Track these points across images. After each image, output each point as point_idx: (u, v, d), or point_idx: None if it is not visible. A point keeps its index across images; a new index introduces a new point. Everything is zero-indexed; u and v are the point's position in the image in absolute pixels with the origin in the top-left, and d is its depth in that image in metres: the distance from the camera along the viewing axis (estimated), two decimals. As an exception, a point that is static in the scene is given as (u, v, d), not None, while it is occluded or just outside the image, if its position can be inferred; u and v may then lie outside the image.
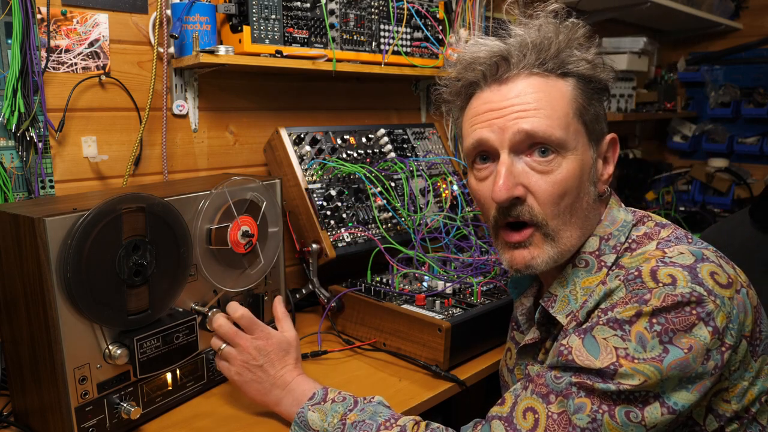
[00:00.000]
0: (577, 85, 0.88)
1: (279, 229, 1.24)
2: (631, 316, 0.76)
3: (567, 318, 0.88)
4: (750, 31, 3.20)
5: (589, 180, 0.88)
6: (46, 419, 0.95)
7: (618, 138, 0.92)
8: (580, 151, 0.86)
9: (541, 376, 0.82)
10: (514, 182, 0.85)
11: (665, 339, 0.74)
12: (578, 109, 0.87)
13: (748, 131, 3.16)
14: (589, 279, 0.88)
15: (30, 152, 1.21)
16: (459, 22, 1.96)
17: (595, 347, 0.77)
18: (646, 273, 0.79)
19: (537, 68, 0.87)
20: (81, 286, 0.88)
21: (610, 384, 0.74)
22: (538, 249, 0.87)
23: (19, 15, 1.15)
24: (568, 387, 0.77)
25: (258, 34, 1.39)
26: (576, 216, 0.87)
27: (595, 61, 0.89)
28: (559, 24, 0.89)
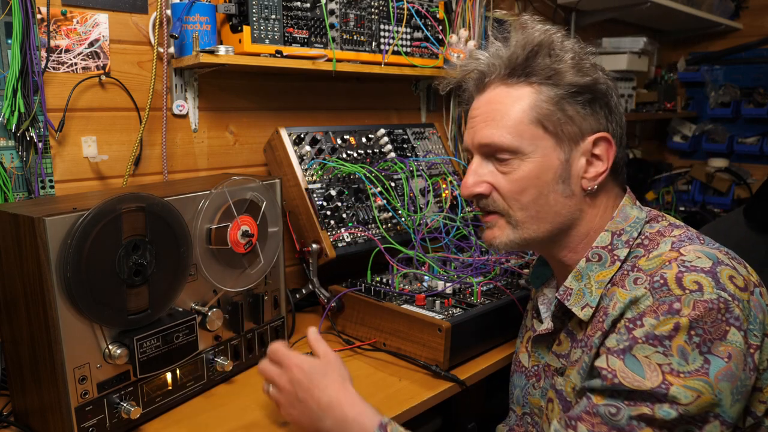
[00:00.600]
0: (542, 90, 0.92)
1: (279, 229, 1.24)
2: (670, 331, 0.77)
3: (583, 310, 0.92)
4: (750, 31, 3.20)
5: (556, 179, 0.93)
6: (46, 419, 0.95)
7: (609, 137, 0.94)
8: (540, 154, 0.93)
9: (593, 414, 0.81)
10: (478, 181, 0.97)
11: (704, 349, 0.76)
12: (538, 116, 0.92)
13: (748, 131, 3.16)
14: (602, 273, 0.93)
15: (30, 152, 1.21)
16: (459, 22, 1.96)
17: (638, 367, 0.78)
18: (671, 280, 0.81)
19: (506, 78, 0.96)
20: (81, 286, 0.88)
21: (668, 408, 0.75)
22: (500, 231, 0.98)
23: (19, 15, 1.15)
24: (629, 422, 0.78)
25: (258, 34, 1.39)
26: (543, 211, 0.94)
27: (566, 66, 0.92)
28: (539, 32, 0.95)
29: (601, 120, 0.94)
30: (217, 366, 1.14)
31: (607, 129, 0.94)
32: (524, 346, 1.14)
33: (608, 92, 0.94)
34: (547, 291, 1.11)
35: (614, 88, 0.97)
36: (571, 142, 0.93)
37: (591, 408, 0.81)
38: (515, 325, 1.33)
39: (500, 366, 1.27)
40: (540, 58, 0.93)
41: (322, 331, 1.39)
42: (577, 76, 0.92)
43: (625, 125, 0.99)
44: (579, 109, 0.92)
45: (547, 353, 1.04)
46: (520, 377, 1.12)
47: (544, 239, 0.97)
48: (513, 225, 0.97)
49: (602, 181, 0.94)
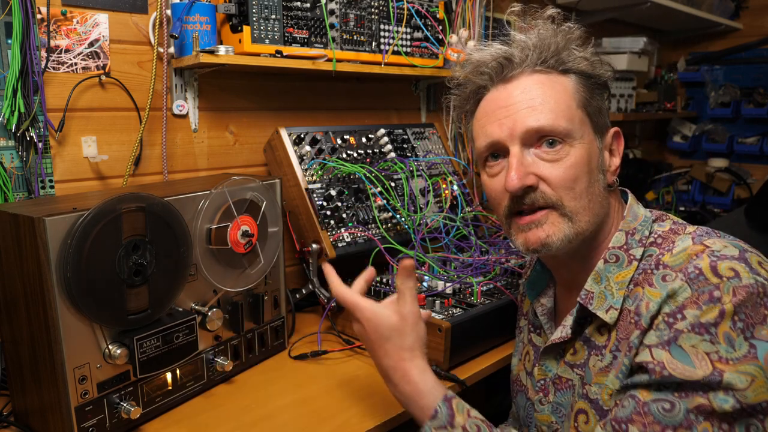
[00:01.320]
0: (577, 80, 0.93)
1: (279, 229, 1.24)
2: (715, 317, 0.75)
3: (608, 313, 0.88)
4: (750, 31, 3.20)
5: (598, 168, 0.92)
6: (46, 419, 0.95)
7: (621, 132, 0.96)
8: (587, 140, 0.91)
9: (644, 414, 0.77)
10: (526, 172, 0.90)
11: (748, 335, 0.74)
12: (581, 101, 0.92)
13: (748, 131, 3.16)
14: (621, 273, 0.90)
15: (30, 152, 1.21)
16: (459, 22, 1.96)
17: (685, 357, 0.76)
18: (706, 269, 0.79)
19: (539, 66, 0.93)
20: (81, 286, 0.88)
21: (723, 395, 0.73)
22: (554, 227, 0.90)
23: (19, 15, 1.15)
24: (686, 416, 0.74)
25: (258, 34, 1.39)
26: (591, 201, 0.91)
27: (593, 59, 0.94)
28: (557, 27, 0.95)
29: (608, 115, 0.96)
30: (217, 366, 1.14)
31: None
32: (522, 364, 1.10)
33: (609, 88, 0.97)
34: (545, 301, 1.06)
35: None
36: (601, 133, 0.94)
37: (641, 407, 0.77)
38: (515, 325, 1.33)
39: (500, 366, 1.27)
40: (569, 49, 0.93)
41: (323, 331, 1.39)
42: (601, 69, 0.94)
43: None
44: (602, 102, 0.94)
45: (556, 365, 0.98)
46: (522, 397, 1.08)
47: (588, 234, 0.91)
48: (568, 217, 0.89)
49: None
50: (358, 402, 1.09)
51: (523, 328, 1.14)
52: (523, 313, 1.15)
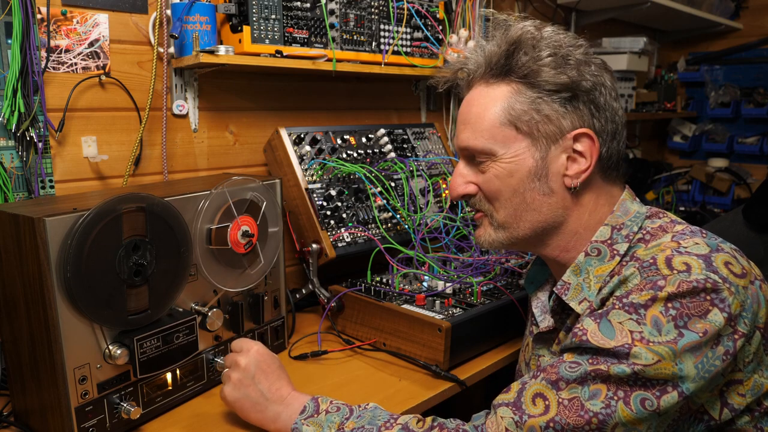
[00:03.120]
0: (519, 90, 0.93)
1: (279, 229, 1.24)
2: (646, 300, 0.78)
3: (580, 305, 0.92)
4: (750, 31, 3.20)
5: (531, 177, 0.93)
6: (46, 419, 0.95)
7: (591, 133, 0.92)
8: (512, 154, 0.93)
9: (555, 366, 0.83)
10: (463, 181, 1.00)
11: (680, 323, 0.76)
12: (510, 117, 0.93)
13: (748, 131, 3.16)
14: (602, 267, 0.92)
15: (30, 152, 1.21)
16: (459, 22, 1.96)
17: (610, 330, 0.79)
18: (660, 261, 0.81)
19: (487, 76, 0.97)
20: (81, 286, 0.88)
21: (624, 365, 0.76)
22: (484, 230, 1.01)
23: (19, 15, 1.15)
24: (583, 375, 0.79)
25: (258, 34, 1.39)
26: (520, 209, 0.95)
27: (542, 64, 0.91)
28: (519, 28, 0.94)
29: (585, 117, 0.92)
30: (217, 366, 1.14)
31: (592, 125, 0.92)
32: (522, 354, 1.14)
33: (595, 88, 0.92)
34: (541, 294, 1.11)
35: (607, 83, 0.94)
36: (548, 140, 0.93)
37: (557, 362, 0.83)
38: (515, 325, 1.33)
39: (500, 366, 1.27)
40: (517, 55, 0.92)
41: (323, 331, 1.39)
42: (555, 74, 0.90)
43: (620, 120, 0.96)
44: (557, 107, 0.91)
45: (548, 354, 1.04)
46: None
47: (529, 238, 0.98)
48: (495, 226, 0.98)
49: (587, 178, 0.93)
50: (358, 402, 1.09)
51: (529, 319, 1.18)
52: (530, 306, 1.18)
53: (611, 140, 0.95)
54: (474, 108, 0.97)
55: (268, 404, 0.96)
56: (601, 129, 0.93)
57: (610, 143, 0.95)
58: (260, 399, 0.97)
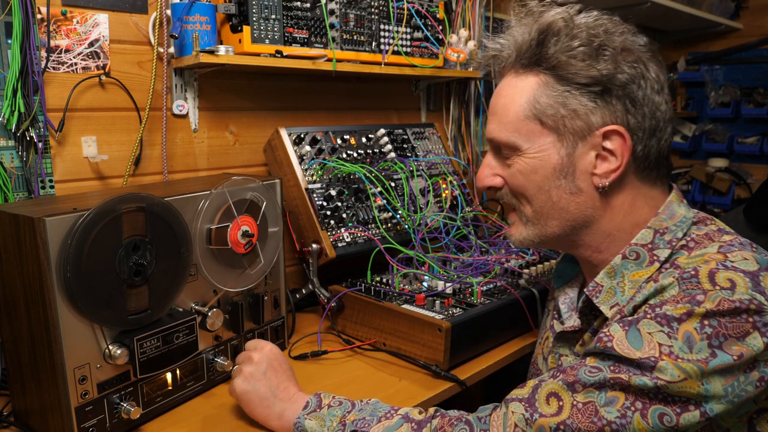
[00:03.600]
0: (547, 82, 0.88)
1: (279, 229, 1.24)
2: (681, 314, 0.73)
3: (611, 310, 0.88)
4: (750, 31, 3.20)
5: (556, 175, 0.90)
6: (46, 419, 0.95)
7: (623, 130, 0.86)
8: (536, 149, 0.90)
9: (575, 368, 0.80)
10: (490, 173, 0.97)
11: (715, 343, 0.71)
12: (535, 111, 0.89)
13: (748, 131, 3.16)
14: (639, 273, 0.87)
15: (30, 152, 1.21)
16: (459, 22, 1.96)
17: (638, 340, 0.75)
18: (703, 274, 0.76)
19: (518, 64, 0.93)
20: (81, 286, 0.88)
21: (647, 378, 0.72)
22: (515, 228, 0.99)
23: (19, 15, 1.15)
24: (602, 381, 0.75)
25: (258, 34, 1.39)
26: (546, 207, 0.92)
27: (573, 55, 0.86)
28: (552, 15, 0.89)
29: (618, 112, 0.86)
30: (217, 366, 1.14)
31: (626, 122, 0.86)
32: (540, 348, 1.11)
33: (632, 81, 0.86)
34: (570, 291, 1.06)
35: (649, 74, 0.87)
36: (575, 136, 0.88)
37: (578, 364, 0.80)
38: (515, 325, 1.33)
39: (500, 366, 1.27)
40: (547, 45, 0.88)
41: (323, 331, 1.39)
42: (585, 66, 0.85)
43: (663, 115, 0.89)
44: (586, 102, 0.86)
45: (569, 353, 1.00)
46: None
47: (558, 237, 0.94)
48: (524, 222, 0.96)
49: (618, 177, 0.88)
50: (358, 402, 1.09)
51: (549, 311, 1.15)
52: (552, 296, 1.16)
53: (649, 138, 0.88)
54: (501, 99, 0.94)
55: (275, 401, 0.97)
56: (637, 126, 0.87)
57: (647, 141, 0.88)
58: (268, 395, 0.97)
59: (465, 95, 2.16)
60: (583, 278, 1.05)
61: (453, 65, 1.85)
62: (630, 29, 0.90)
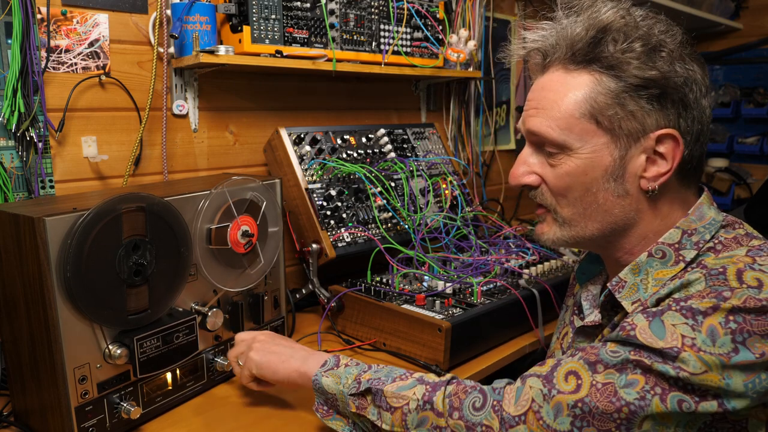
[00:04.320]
0: (602, 81, 0.85)
1: (279, 229, 1.24)
2: (707, 308, 0.73)
3: (633, 305, 0.87)
4: (750, 31, 3.20)
5: (607, 177, 0.87)
6: (46, 419, 0.95)
7: (677, 134, 0.85)
8: (589, 150, 0.87)
9: (596, 348, 0.79)
10: (527, 171, 0.93)
11: (738, 338, 0.71)
12: (591, 109, 0.86)
13: (748, 131, 3.16)
14: (663, 271, 0.87)
15: (30, 152, 1.21)
16: (459, 22, 1.96)
17: (661, 330, 0.74)
18: (731, 272, 0.76)
19: (567, 62, 0.88)
20: (81, 286, 0.88)
21: (669, 366, 0.72)
22: (548, 227, 0.95)
23: (19, 15, 1.15)
24: (624, 363, 0.75)
25: (258, 34, 1.39)
26: (590, 209, 0.89)
27: (633, 55, 0.84)
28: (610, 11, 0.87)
29: (671, 116, 0.85)
30: (217, 366, 1.14)
31: (678, 125, 0.85)
32: (559, 343, 1.10)
33: (686, 84, 0.85)
34: (592, 288, 1.06)
35: (698, 78, 0.87)
36: (629, 138, 0.86)
37: (600, 346, 0.79)
38: (515, 325, 1.33)
39: (500, 366, 1.27)
40: (605, 44, 0.85)
41: (323, 331, 1.39)
42: (644, 68, 0.83)
43: (707, 120, 0.89)
44: (643, 104, 0.84)
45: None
46: None
47: (594, 239, 0.92)
48: (560, 222, 0.93)
49: (665, 182, 0.87)
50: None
51: (568, 307, 1.14)
52: (572, 293, 1.15)
53: (695, 142, 0.88)
54: (550, 93, 0.89)
55: (294, 352, 1.00)
56: (687, 130, 0.86)
57: (693, 145, 0.87)
58: (285, 351, 1.01)
59: (465, 95, 2.16)
60: (606, 276, 1.05)
61: (453, 65, 1.85)
62: (679, 30, 0.89)
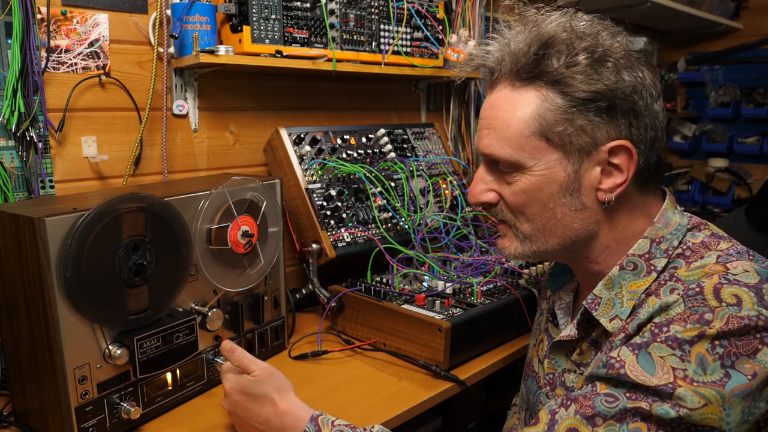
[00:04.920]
0: (549, 97, 0.84)
1: (279, 229, 1.24)
2: (692, 336, 0.72)
3: (611, 323, 0.86)
4: (750, 31, 3.20)
5: (563, 192, 0.86)
6: (46, 419, 0.95)
7: (629, 145, 0.83)
8: (543, 167, 0.86)
9: (588, 398, 0.77)
10: (485, 188, 0.93)
11: (727, 363, 0.71)
12: (540, 127, 0.84)
13: (748, 131, 3.16)
14: (636, 283, 0.86)
15: (30, 152, 1.21)
16: (459, 22, 1.96)
17: (650, 364, 0.74)
18: (708, 290, 0.75)
19: (513, 78, 0.87)
20: (81, 286, 0.88)
21: (668, 406, 0.71)
22: (509, 242, 0.94)
23: (19, 15, 1.15)
24: (623, 412, 0.73)
25: (258, 34, 1.39)
26: (549, 224, 0.89)
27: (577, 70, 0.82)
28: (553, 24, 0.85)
29: (622, 127, 0.83)
30: (217, 366, 1.14)
31: (630, 135, 0.84)
32: (536, 350, 1.09)
33: (634, 92, 0.83)
34: (565, 295, 1.05)
35: (647, 82, 0.85)
36: (581, 153, 0.84)
37: (590, 393, 0.77)
38: (515, 325, 1.33)
39: (500, 366, 1.27)
40: (548, 58, 0.83)
41: (323, 331, 1.39)
42: (590, 81, 0.81)
43: (661, 125, 0.87)
44: (592, 117, 0.82)
45: (565, 361, 0.97)
46: (532, 383, 1.07)
47: (556, 252, 0.92)
48: (521, 238, 0.92)
49: (622, 192, 0.86)
50: (359, 402, 1.09)
51: (543, 311, 1.13)
52: (545, 297, 1.14)
53: (650, 149, 0.86)
54: (499, 113, 0.88)
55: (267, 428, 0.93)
56: (640, 138, 0.84)
57: (648, 152, 0.85)
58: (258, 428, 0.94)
59: (465, 95, 2.16)
60: (577, 283, 1.04)
61: (453, 65, 1.85)
62: (623, 32, 0.87)
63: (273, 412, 0.92)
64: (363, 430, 0.88)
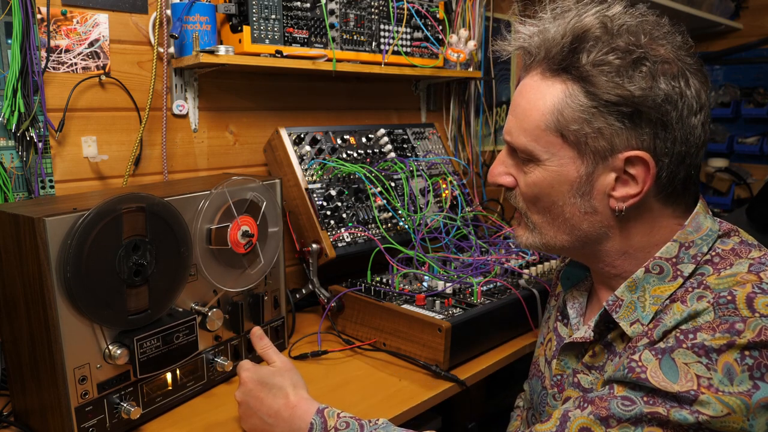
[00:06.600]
0: (573, 93, 0.80)
1: (279, 229, 1.24)
2: (721, 345, 0.70)
3: (632, 327, 0.84)
4: (750, 31, 3.20)
5: (573, 192, 0.84)
6: (46, 419, 0.95)
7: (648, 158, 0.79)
8: (556, 163, 0.84)
9: (604, 399, 0.75)
10: (504, 171, 0.92)
11: (756, 374, 0.68)
12: (557, 123, 0.82)
13: (748, 131, 3.16)
14: (661, 287, 0.83)
15: (30, 152, 1.21)
16: (459, 22, 1.96)
17: (673, 371, 0.71)
18: (740, 299, 0.72)
19: (544, 66, 0.85)
20: (81, 286, 0.88)
21: (687, 413, 0.68)
22: (521, 230, 0.95)
23: (19, 15, 1.15)
24: (639, 416, 0.72)
25: (258, 34, 1.39)
26: (558, 220, 0.87)
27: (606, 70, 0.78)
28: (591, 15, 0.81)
29: (645, 137, 0.79)
30: (217, 366, 1.14)
31: (653, 148, 0.79)
32: (543, 350, 1.06)
33: (667, 102, 0.78)
34: (578, 295, 1.02)
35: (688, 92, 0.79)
36: (596, 156, 0.81)
37: (608, 396, 0.75)
38: (515, 325, 1.33)
39: (500, 366, 1.27)
40: (580, 53, 0.79)
41: (323, 331, 1.39)
42: (617, 84, 0.77)
43: (696, 140, 0.82)
44: (613, 122, 0.78)
45: (576, 363, 0.95)
46: (537, 383, 1.05)
47: (566, 248, 0.90)
48: (530, 228, 0.91)
49: (636, 203, 0.82)
50: (359, 402, 1.09)
51: (551, 310, 1.10)
52: (554, 294, 1.12)
53: (678, 164, 0.81)
54: (523, 101, 0.86)
55: (274, 429, 0.93)
56: (664, 152, 0.79)
57: (675, 167, 0.81)
58: (265, 426, 0.95)
59: (465, 95, 2.16)
60: (592, 282, 1.01)
61: (453, 65, 1.85)
62: (678, 34, 0.83)
63: (285, 404, 0.94)
64: (368, 422, 0.89)
